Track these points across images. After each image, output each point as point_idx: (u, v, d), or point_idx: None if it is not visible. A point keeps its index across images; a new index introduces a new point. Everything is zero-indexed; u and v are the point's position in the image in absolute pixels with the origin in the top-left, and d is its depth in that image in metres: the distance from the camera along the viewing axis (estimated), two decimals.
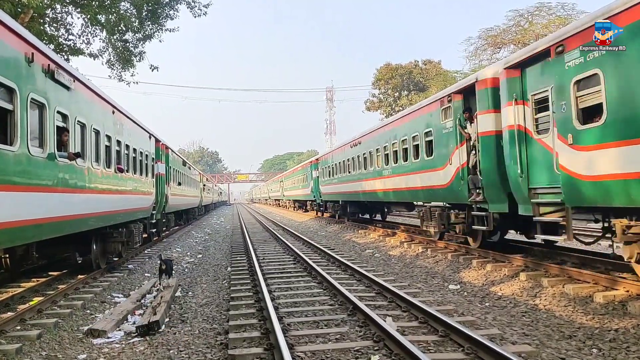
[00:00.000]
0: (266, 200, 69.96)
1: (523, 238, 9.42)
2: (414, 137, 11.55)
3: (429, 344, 4.44)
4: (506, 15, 38.66)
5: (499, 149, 7.83)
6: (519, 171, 7.18)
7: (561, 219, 6.53)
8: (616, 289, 5.81)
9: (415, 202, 13.19)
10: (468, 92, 9.00)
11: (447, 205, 10.38)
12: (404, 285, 7.25)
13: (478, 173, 8.58)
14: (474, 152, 8.75)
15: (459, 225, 9.61)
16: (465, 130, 8.91)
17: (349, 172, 18.19)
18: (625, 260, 5.79)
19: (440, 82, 35.89)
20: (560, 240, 7.03)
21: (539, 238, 7.65)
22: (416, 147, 11.45)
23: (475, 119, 8.62)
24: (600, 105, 5.66)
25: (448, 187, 9.62)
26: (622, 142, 5.34)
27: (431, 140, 10.44)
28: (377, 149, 14.69)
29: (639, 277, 5.77)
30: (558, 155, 6.41)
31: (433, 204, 11.12)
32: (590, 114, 5.97)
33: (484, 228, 8.66)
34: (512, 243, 9.63)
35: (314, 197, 26.59)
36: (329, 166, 22.48)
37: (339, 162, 20.07)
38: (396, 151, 12.89)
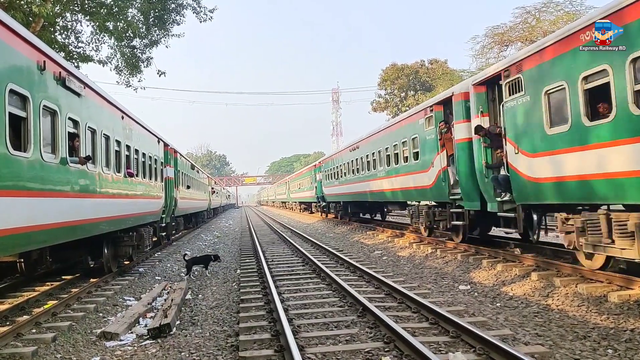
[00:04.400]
0: (273, 202, 70.27)
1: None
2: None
3: (439, 345, 4.42)
4: (513, 13, 38.45)
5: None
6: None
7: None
8: (632, 289, 5.71)
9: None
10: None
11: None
12: (414, 286, 7.21)
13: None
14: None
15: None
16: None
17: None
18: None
19: (446, 82, 35.66)
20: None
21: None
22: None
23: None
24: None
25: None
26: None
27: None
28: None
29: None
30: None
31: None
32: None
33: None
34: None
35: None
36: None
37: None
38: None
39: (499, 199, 8.17)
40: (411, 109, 15.05)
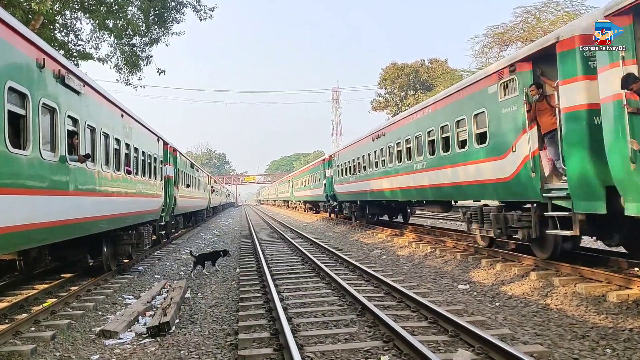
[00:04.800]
0: (274, 201, 69.64)
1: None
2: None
3: (438, 344, 4.42)
4: (513, 12, 38.40)
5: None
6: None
7: None
8: (630, 288, 5.72)
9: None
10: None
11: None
12: (413, 286, 7.22)
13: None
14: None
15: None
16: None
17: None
18: None
19: (447, 81, 35.67)
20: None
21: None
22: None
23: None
24: None
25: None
26: None
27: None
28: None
29: None
30: None
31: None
32: None
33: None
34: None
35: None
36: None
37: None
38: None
39: None
40: (475, 74, 10.98)
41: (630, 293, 5.55)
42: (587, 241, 8.64)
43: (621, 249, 7.47)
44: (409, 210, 17.48)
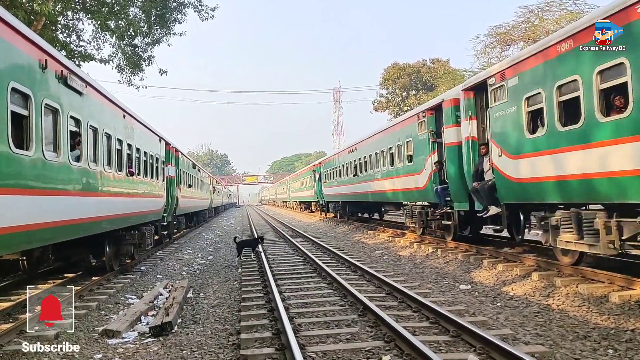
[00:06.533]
0: (274, 201, 70.13)
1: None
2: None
3: (440, 344, 4.43)
4: (515, 12, 38.44)
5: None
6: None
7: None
8: (632, 289, 5.71)
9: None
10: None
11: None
12: (415, 286, 7.22)
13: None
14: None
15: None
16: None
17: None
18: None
19: (448, 81, 35.62)
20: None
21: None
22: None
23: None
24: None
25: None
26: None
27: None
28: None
29: None
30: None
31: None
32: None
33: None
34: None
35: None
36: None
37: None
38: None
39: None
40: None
41: (633, 294, 5.54)
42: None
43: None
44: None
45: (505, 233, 9.26)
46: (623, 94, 5.43)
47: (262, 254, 10.59)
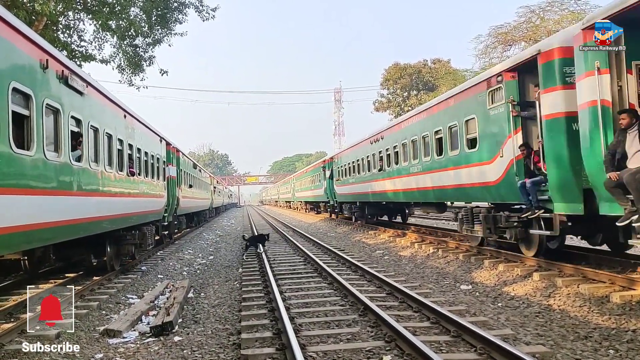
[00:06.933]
0: (276, 201, 69.63)
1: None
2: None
3: (440, 344, 4.42)
4: (517, 12, 38.33)
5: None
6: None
7: None
8: (634, 289, 5.69)
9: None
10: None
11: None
12: (415, 286, 7.22)
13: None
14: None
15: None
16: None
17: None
18: None
19: (449, 81, 35.60)
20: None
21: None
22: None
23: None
24: None
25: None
26: None
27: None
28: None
29: None
30: None
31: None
32: None
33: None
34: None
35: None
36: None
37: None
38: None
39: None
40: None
41: (634, 294, 5.52)
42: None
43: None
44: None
45: (604, 246, 7.36)
46: None
47: (263, 254, 10.59)
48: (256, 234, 16.48)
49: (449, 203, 11.40)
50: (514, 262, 8.16)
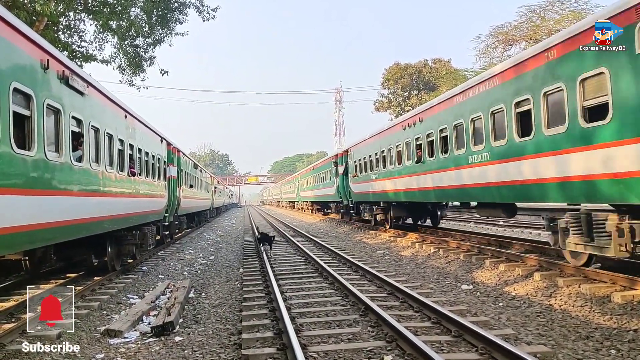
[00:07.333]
0: (278, 202, 68.97)
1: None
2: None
3: (442, 344, 4.42)
4: (517, 12, 38.26)
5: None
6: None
7: None
8: (635, 289, 5.69)
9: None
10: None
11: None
12: (416, 286, 7.21)
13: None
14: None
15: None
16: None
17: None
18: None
19: (450, 81, 35.58)
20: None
21: None
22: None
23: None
24: None
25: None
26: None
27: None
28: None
29: None
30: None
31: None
32: None
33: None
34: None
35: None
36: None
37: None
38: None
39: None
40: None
41: (635, 294, 5.51)
42: None
43: None
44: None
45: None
46: None
47: (264, 254, 10.59)
48: (257, 233, 16.58)
49: (517, 204, 8.53)
50: (515, 262, 8.15)
